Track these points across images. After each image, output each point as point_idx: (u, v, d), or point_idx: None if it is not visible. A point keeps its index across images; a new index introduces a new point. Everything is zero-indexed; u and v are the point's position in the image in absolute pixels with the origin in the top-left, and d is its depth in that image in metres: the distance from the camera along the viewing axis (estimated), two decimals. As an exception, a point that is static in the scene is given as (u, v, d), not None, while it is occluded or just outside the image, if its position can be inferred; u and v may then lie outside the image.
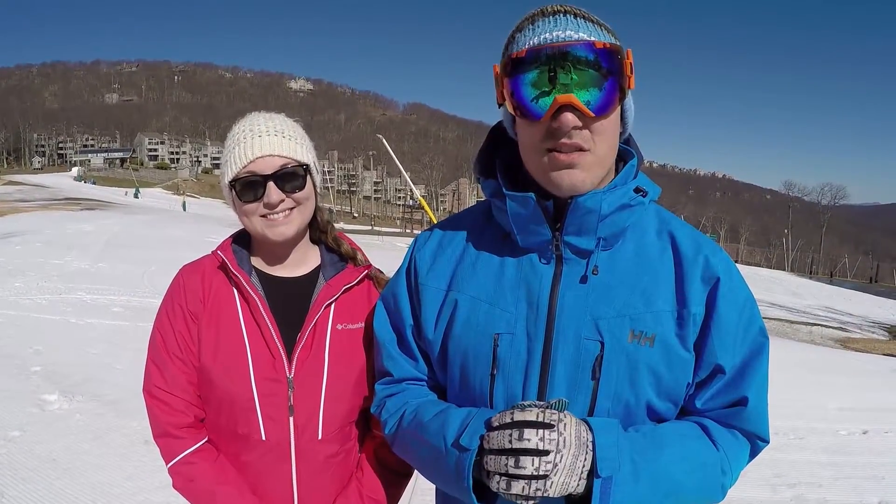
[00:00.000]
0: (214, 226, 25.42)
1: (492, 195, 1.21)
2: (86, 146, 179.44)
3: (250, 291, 1.38)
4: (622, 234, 1.16)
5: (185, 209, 49.26)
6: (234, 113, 1.69)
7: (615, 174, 1.16)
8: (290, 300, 1.43)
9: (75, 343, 6.91)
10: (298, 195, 1.37)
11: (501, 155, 1.23)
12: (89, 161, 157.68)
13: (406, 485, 1.56)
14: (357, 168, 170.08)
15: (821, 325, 18.52)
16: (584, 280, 1.13)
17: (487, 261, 1.21)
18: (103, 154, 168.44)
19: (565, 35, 1.04)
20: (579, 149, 1.05)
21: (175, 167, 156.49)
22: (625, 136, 1.18)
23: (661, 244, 1.17)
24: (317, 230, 1.52)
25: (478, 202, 1.37)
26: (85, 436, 4.44)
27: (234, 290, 1.41)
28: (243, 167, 1.34)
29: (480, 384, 1.16)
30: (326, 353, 1.40)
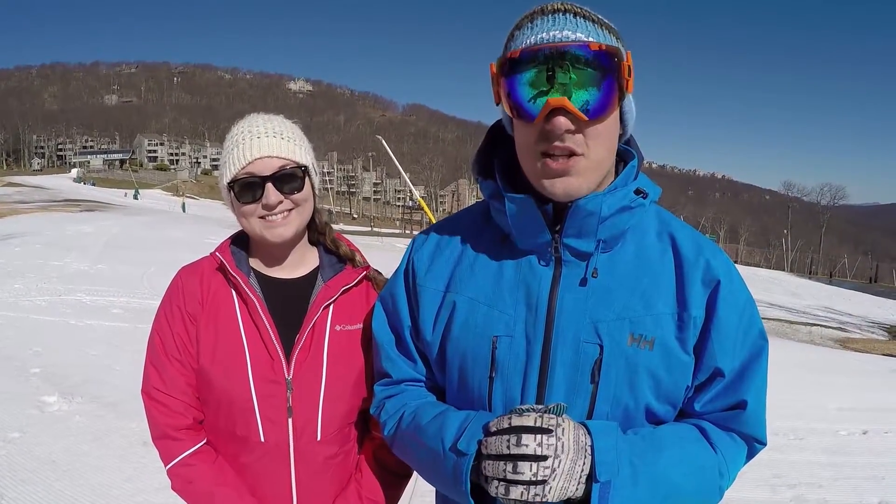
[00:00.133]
0: (214, 227, 25.40)
1: (490, 196, 1.19)
2: (85, 147, 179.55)
3: (249, 293, 1.38)
4: (622, 236, 1.15)
5: (184, 210, 49.23)
6: (234, 114, 1.69)
7: (615, 175, 1.15)
8: (289, 301, 1.43)
9: (75, 344, 6.90)
10: (297, 196, 1.37)
11: (500, 155, 1.21)
12: (88, 162, 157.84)
13: (405, 486, 1.55)
14: (356, 169, 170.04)
15: (820, 325, 18.52)
16: (584, 283, 1.12)
17: (486, 262, 1.20)
18: (102, 155, 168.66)
19: (562, 35, 1.02)
20: (572, 153, 1.03)
21: (174, 168, 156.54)
22: (625, 138, 1.16)
23: (662, 246, 1.16)
24: (315, 231, 1.51)
25: (476, 202, 1.35)
26: (84, 437, 4.44)
27: (233, 292, 1.41)
28: (242, 168, 1.34)
29: (479, 386, 1.16)
30: (325, 354, 1.40)
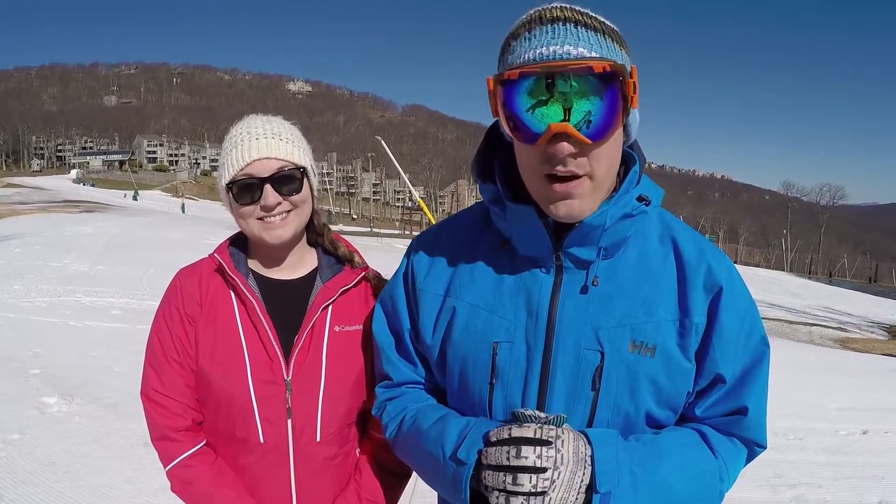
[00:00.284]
0: (213, 228, 25.40)
1: (491, 201, 1.18)
2: (84, 148, 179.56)
3: (247, 294, 1.38)
4: (624, 242, 1.13)
5: (183, 211, 49.25)
6: (233, 115, 1.69)
7: (618, 181, 1.13)
8: (288, 302, 1.43)
9: (74, 345, 6.90)
10: (295, 198, 1.37)
11: (500, 157, 1.18)
12: (88, 163, 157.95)
13: (405, 486, 1.55)
14: (356, 170, 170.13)
15: (820, 325, 18.52)
16: (585, 290, 1.11)
17: (486, 267, 1.19)
18: (102, 156, 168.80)
19: (563, 51, 0.97)
20: (575, 176, 1.01)
21: (174, 169, 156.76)
22: (628, 143, 1.14)
23: (664, 250, 1.15)
24: (314, 233, 1.51)
25: (476, 203, 1.34)
26: (84, 438, 4.43)
27: (232, 293, 1.41)
28: (240, 170, 1.34)
29: (479, 392, 1.15)
30: (324, 355, 1.40)
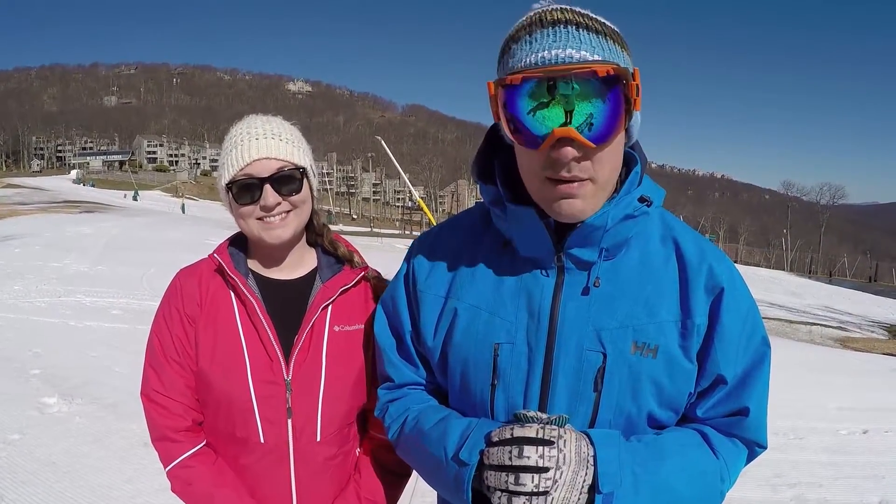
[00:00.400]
0: (213, 228, 25.40)
1: (491, 203, 1.17)
2: (84, 149, 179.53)
3: (247, 294, 1.38)
4: (626, 243, 1.13)
5: (184, 211, 49.26)
6: (233, 115, 1.69)
7: (619, 181, 1.12)
8: (288, 302, 1.43)
9: (74, 346, 6.90)
10: (295, 198, 1.37)
11: (500, 158, 1.18)
12: (88, 164, 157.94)
13: (405, 486, 1.55)
14: (356, 170, 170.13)
15: (820, 324, 18.52)
16: (586, 291, 1.11)
17: (487, 268, 1.19)
18: (102, 157, 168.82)
19: (565, 55, 0.96)
20: (578, 179, 1.01)
21: (174, 169, 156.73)
22: (629, 144, 1.13)
23: (665, 251, 1.15)
24: (313, 233, 1.51)
25: (476, 203, 1.34)
26: (84, 438, 4.43)
27: (231, 293, 1.41)
28: (240, 170, 1.34)
29: (481, 393, 1.15)
30: (324, 354, 1.40)
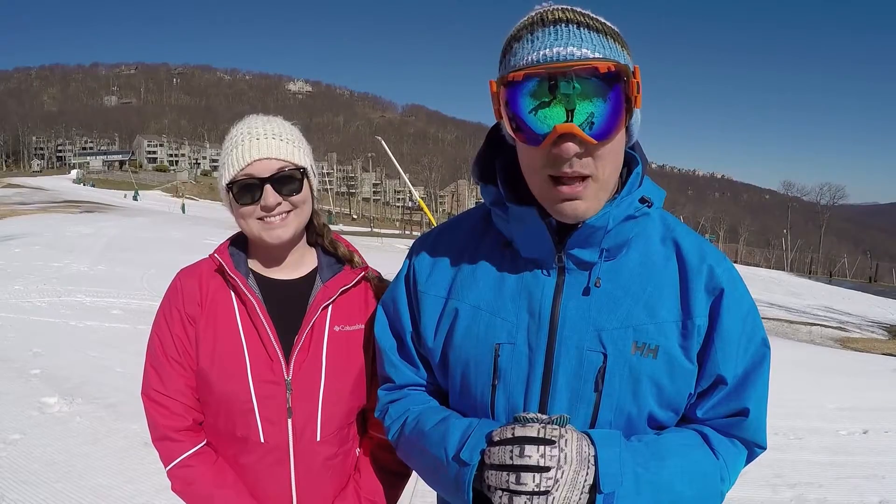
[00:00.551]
0: (213, 228, 25.41)
1: (492, 203, 1.18)
2: (84, 149, 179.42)
3: (247, 294, 1.38)
4: (626, 244, 1.14)
5: (184, 211, 49.26)
6: (233, 115, 1.69)
7: (620, 182, 1.13)
8: (288, 302, 1.43)
9: (75, 346, 6.91)
10: (295, 198, 1.37)
11: (501, 158, 1.18)
12: (88, 164, 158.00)
13: (404, 485, 1.56)
14: (356, 170, 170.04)
15: (820, 324, 18.53)
16: (587, 292, 1.11)
17: (487, 269, 1.19)
18: (102, 157, 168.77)
19: (567, 52, 0.96)
20: (581, 177, 1.01)
21: (174, 169, 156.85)
22: (630, 144, 1.13)
23: (666, 252, 1.15)
24: (313, 233, 1.51)
25: (477, 204, 1.34)
26: (85, 438, 4.44)
27: (232, 293, 1.41)
28: (241, 170, 1.34)
29: (482, 394, 1.16)
30: (324, 355, 1.40)
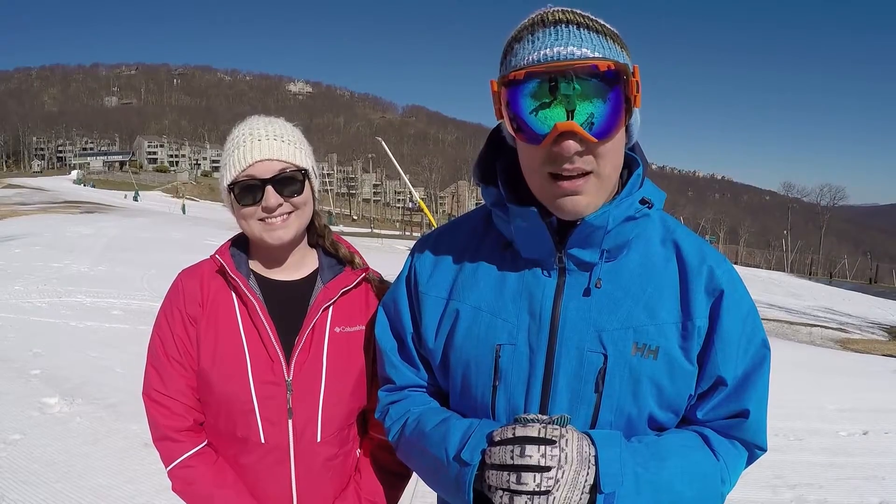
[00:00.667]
0: (214, 229, 25.42)
1: (493, 204, 1.18)
2: (85, 149, 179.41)
3: (248, 295, 1.38)
4: (627, 245, 1.14)
5: (184, 212, 49.28)
6: (234, 116, 1.69)
7: (620, 182, 1.13)
8: (289, 303, 1.43)
9: (75, 346, 6.92)
10: (296, 199, 1.38)
11: (501, 160, 1.19)
12: (88, 164, 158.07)
13: (405, 486, 1.56)
14: (356, 171, 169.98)
15: (820, 325, 18.53)
16: (588, 293, 1.12)
17: (488, 270, 1.19)
18: (102, 157, 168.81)
19: (567, 52, 0.97)
20: (582, 173, 1.02)
21: (174, 170, 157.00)
22: (630, 145, 1.14)
23: (666, 253, 1.16)
24: (314, 234, 1.52)
25: (477, 206, 1.35)
26: (85, 439, 4.44)
27: (233, 294, 1.41)
28: (242, 171, 1.35)
29: (482, 395, 1.16)
30: (325, 355, 1.40)
